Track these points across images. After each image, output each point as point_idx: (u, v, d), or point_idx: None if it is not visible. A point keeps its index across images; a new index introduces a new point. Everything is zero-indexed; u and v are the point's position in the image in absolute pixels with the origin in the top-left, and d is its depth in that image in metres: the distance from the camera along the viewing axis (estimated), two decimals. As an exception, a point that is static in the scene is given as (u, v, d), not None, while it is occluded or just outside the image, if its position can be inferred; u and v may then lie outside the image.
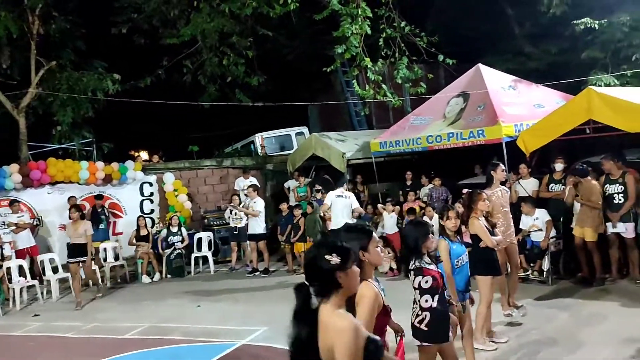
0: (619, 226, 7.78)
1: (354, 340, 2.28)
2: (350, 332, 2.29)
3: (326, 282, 2.46)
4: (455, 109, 10.65)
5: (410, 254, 4.17)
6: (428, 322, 4.07)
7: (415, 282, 4.11)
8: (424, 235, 4.17)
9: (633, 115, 7.54)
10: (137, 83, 14.59)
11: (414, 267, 4.14)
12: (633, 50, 11.03)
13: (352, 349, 2.26)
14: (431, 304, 4.07)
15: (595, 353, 5.46)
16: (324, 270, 2.46)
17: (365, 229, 3.28)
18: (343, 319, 2.35)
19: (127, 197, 13.28)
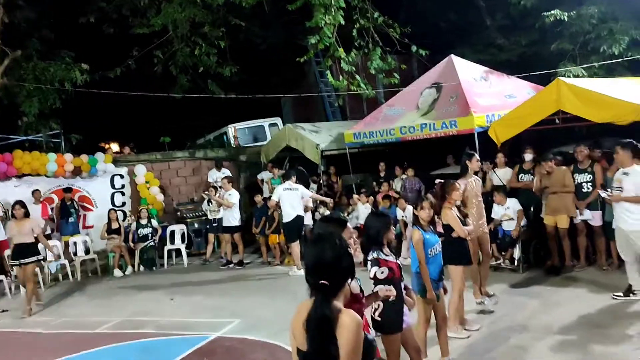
0: (586, 214, 7.96)
1: (358, 337, 2.23)
2: (355, 329, 2.23)
3: (342, 278, 2.38)
4: (428, 100, 10.72)
5: (371, 245, 4.19)
6: (381, 312, 4.10)
7: (371, 272, 4.12)
8: (386, 227, 4.20)
9: (601, 106, 7.69)
10: (106, 73, 14.27)
11: (372, 258, 4.16)
12: (601, 42, 11.23)
13: (355, 347, 2.21)
14: None
15: (563, 338, 5.58)
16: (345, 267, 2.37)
17: (340, 219, 3.28)
18: (347, 315, 2.27)
19: (97, 190, 13.04)
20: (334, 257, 2.33)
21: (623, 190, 6.43)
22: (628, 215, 6.42)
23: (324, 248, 2.35)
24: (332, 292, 2.30)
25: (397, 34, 11.72)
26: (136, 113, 18.84)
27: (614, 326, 5.75)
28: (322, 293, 2.28)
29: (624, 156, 6.49)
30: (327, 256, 2.33)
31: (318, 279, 2.29)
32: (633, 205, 6.36)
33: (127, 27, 14.32)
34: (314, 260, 2.36)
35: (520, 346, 5.50)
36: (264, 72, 18.08)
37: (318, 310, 2.25)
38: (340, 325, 2.22)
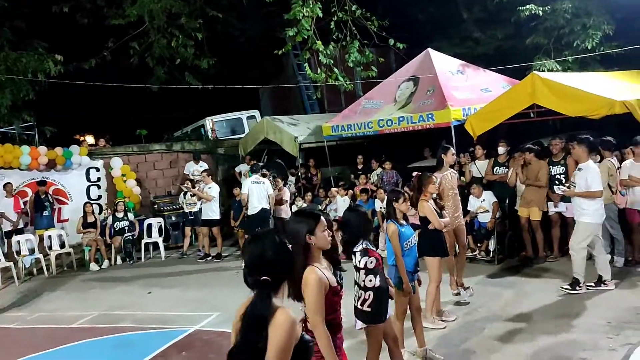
0: (560, 206, 8.13)
1: (288, 337, 2.23)
2: (286, 328, 2.23)
3: (286, 275, 2.41)
4: (405, 93, 10.79)
5: (357, 237, 4.25)
6: (371, 302, 4.15)
7: (362, 262, 4.18)
8: (365, 220, 4.33)
9: (574, 100, 7.84)
10: (81, 64, 14.03)
11: (361, 249, 4.21)
12: (574, 37, 11.41)
13: (284, 346, 2.22)
14: (374, 284, 4.17)
15: (536, 327, 5.71)
16: (283, 262, 2.39)
17: (314, 212, 3.28)
18: (281, 313, 2.27)
19: (72, 183, 12.87)
20: (274, 254, 2.35)
21: (576, 186, 6.61)
22: (579, 210, 6.64)
23: (263, 245, 2.36)
24: (272, 288, 2.32)
25: (375, 27, 11.73)
26: (112, 105, 18.57)
27: (585, 315, 5.91)
28: (262, 289, 2.29)
29: (580, 151, 6.63)
30: (267, 253, 2.34)
31: (259, 276, 2.30)
32: (585, 200, 6.56)
33: (102, 17, 14.08)
34: (254, 257, 2.36)
35: (495, 336, 5.61)
36: (242, 65, 17.96)
37: (257, 306, 2.26)
38: (274, 322, 2.23)
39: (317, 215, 3.22)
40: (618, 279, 7.04)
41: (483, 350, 5.29)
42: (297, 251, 2.94)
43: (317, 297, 2.95)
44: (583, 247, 6.66)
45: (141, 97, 16.06)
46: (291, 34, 10.95)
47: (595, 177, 6.51)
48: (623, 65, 11.00)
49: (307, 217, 3.20)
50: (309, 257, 3.09)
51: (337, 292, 3.14)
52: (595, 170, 6.60)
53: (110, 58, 14.25)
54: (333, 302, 3.11)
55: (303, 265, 3.03)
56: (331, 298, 3.08)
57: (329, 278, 3.10)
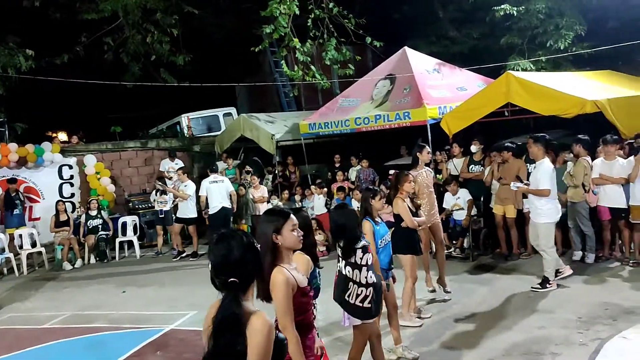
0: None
1: (267, 341, 2.21)
2: (264, 332, 2.21)
3: (254, 276, 2.38)
4: (382, 91, 10.84)
5: (358, 235, 4.28)
6: (371, 298, 4.20)
7: (364, 259, 4.21)
8: (357, 216, 4.40)
9: (547, 99, 7.99)
10: (53, 60, 13.77)
11: (362, 245, 4.23)
12: (547, 37, 11.61)
13: (265, 351, 2.20)
14: (374, 280, 4.24)
15: (510, 323, 5.80)
16: (251, 262, 2.35)
17: (283, 211, 3.20)
18: (258, 317, 2.24)
19: (44, 181, 12.61)
20: (241, 254, 2.30)
21: (530, 184, 6.75)
22: (533, 209, 6.82)
23: (230, 246, 2.31)
24: (241, 289, 2.28)
25: (352, 25, 11.78)
26: (85, 101, 18.21)
27: (557, 311, 6.01)
28: (231, 291, 2.25)
29: (536, 149, 6.74)
30: (234, 254, 2.29)
31: (226, 278, 2.26)
32: (537, 198, 6.71)
33: (74, 12, 13.82)
34: (220, 258, 2.31)
35: (470, 332, 5.68)
36: (218, 62, 17.81)
37: (227, 308, 2.22)
38: (252, 328, 2.20)
39: (286, 214, 3.14)
40: (589, 274, 7.20)
41: (458, 347, 5.35)
42: (264, 251, 2.85)
43: (284, 298, 2.88)
44: (551, 245, 6.81)
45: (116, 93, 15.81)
46: (268, 31, 10.92)
47: (545, 176, 6.61)
48: (594, 65, 11.24)
49: (276, 216, 3.13)
50: (277, 257, 3.01)
51: (306, 293, 3.08)
52: (547, 169, 6.67)
53: (84, 53, 14.04)
54: (302, 303, 3.04)
55: (271, 265, 2.97)
56: (299, 299, 3.01)
57: (298, 279, 3.04)
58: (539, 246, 6.84)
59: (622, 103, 8.09)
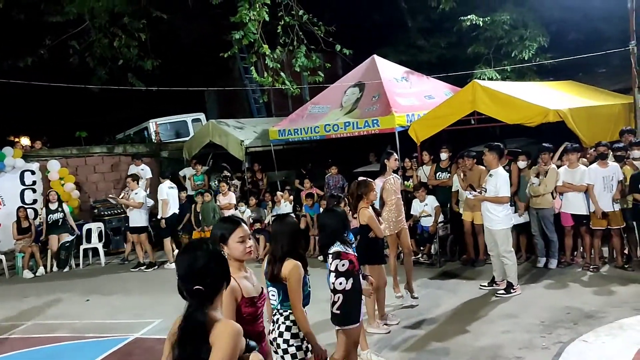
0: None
1: (232, 347, 2.19)
2: (231, 338, 2.20)
3: (221, 284, 2.36)
4: (351, 99, 10.92)
5: (333, 240, 4.25)
6: (340, 304, 4.18)
7: (332, 265, 4.20)
8: (345, 221, 4.32)
9: (511, 108, 8.18)
10: (16, 62, 13.43)
11: (334, 251, 4.22)
12: (512, 47, 11.91)
13: (229, 354, 2.18)
14: (344, 287, 4.18)
15: (476, 328, 5.89)
16: (217, 271, 2.34)
17: (233, 219, 3.17)
18: (226, 323, 2.25)
19: (5, 187, 12.23)
20: (206, 262, 2.30)
21: (486, 191, 6.90)
22: (489, 216, 6.94)
23: (195, 255, 2.31)
24: (207, 297, 2.27)
25: (322, 33, 11.84)
26: (49, 105, 17.85)
27: (521, 315, 6.13)
28: (196, 299, 2.24)
29: (490, 158, 6.91)
30: (199, 262, 2.29)
31: (192, 286, 2.25)
32: (493, 205, 6.86)
33: (39, 13, 13.52)
34: (186, 267, 2.31)
35: (437, 338, 5.74)
36: (187, 67, 17.67)
37: (192, 316, 2.21)
38: (216, 333, 2.19)
39: (235, 223, 3.09)
40: (551, 280, 7.37)
41: (425, 352, 5.40)
42: None
43: (225, 306, 2.77)
44: (510, 250, 6.95)
45: (81, 97, 15.55)
46: (237, 37, 10.89)
47: (503, 184, 6.79)
48: (557, 75, 11.58)
49: (226, 224, 3.10)
50: None
51: (254, 302, 3.03)
52: (504, 177, 6.87)
53: (48, 56, 13.71)
54: (248, 313, 2.99)
55: None
56: (245, 309, 2.97)
57: (244, 288, 2.99)
58: (499, 253, 6.96)
59: (583, 112, 8.35)
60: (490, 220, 6.94)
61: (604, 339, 5.26)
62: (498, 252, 6.98)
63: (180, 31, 16.79)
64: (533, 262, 8.20)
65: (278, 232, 3.68)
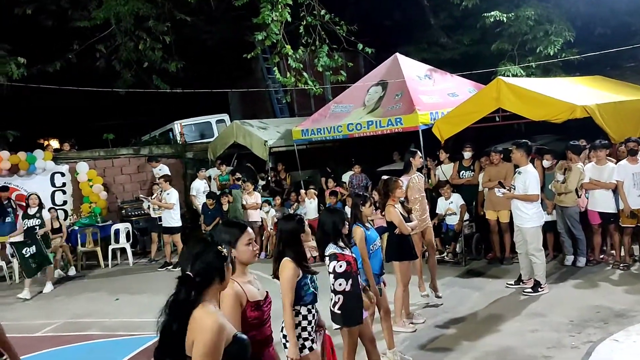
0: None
1: (213, 340, 2.27)
2: (211, 332, 2.27)
3: (210, 276, 2.45)
4: (374, 98, 10.89)
5: (327, 240, 4.26)
6: (341, 305, 4.19)
7: (330, 266, 4.21)
8: (342, 221, 4.30)
9: (537, 105, 8.07)
10: (45, 67, 13.74)
11: (330, 253, 4.23)
12: (537, 43, 11.72)
13: (210, 349, 2.26)
14: (344, 288, 4.19)
15: (503, 327, 5.84)
16: (214, 264, 2.46)
17: (240, 224, 3.20)
18: (208, 316, 2.32)
19: (36, 189, 12.49)
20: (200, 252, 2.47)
21: (515, 189, 6.82)
22: (519, 214, 6.86)
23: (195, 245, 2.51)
24: (196, 286, 2.40)
25: (344, 32, 11.83)
26: (77, 109, 18.20)
27: (549, 314, 6.07)
28: (185, 285, 2.39)
29: (518, 155, 6.84)
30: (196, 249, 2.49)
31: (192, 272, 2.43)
32: (523, 203, 6.78)
33: (66, 19, 13.81)
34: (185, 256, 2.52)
35: (463, 336, 5.72)
36: (211, 68, 17.85)
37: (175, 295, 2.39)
38: (198, 324, 2.30)
39: (242, 227, 3.13)
40: (580, 278, 7.27)
41: (451, 351, 5.39)
42: None
43: (229, 312, 2.85)
44: (540, 249, 6.87)
45: (108, 100, 15.81)
46: (260, 38, 10.95)
47: (533, 181, 6.72)
48: (583, 70, 11.37)
49: (232, 228, 3.14)
50: None
51: (259, 306, 3.04)
52: (534, 174, 6.80)
53: (76, 61, 14.00)
54: (254, 317, 3.00)
55: None
56: (251, 313, 2.98)
57: (249, 292, 3.02)
58: (528, 251, 6.88)
59: (611, 108, 8.19)
60: (520, 218, 6.87)
61: (635, 338, 5.18)
62: (526, 250, 6.91)
63: (204, 33, 16.95)
64: (560, 260, 8.10)
65: (278, 231, 3.81)
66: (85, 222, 11.90)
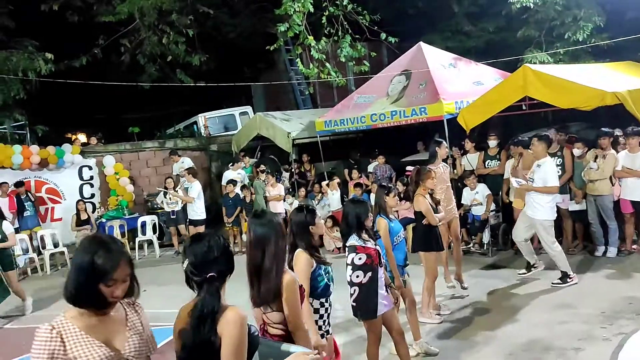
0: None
1: (242, 333, 2.30)
2: (239, 326, 2.30)
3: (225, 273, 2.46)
4: (398, 87, 10.78)
5: (351, 231, 4.23)
6: (356, 297, 4.17)
7: (349, 258, 4.19)
8: (365, 213, 4.24)
9: (565, 92, 7.86)
10: (72, 62, 13.96)
11: (349, 245, 4.20)
12: (565, 29, 11.44)
13: (240, 342, 2.28)
14: (361, 280, 4.15)
15: (530, 318, 5.75)
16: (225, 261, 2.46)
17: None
18: (232, 310, 2.34)
19: (65, 182, 12.81)
20: (220, 252, 2.44)
21: (534, 181, 6.73)
22: (534, 204, 6.77)
23: (209, 245, 2.45)
24: (219, 284, 2.40)
25: (367, 22, 11.74)
26: (103, 103, 18.48)
27: (579, 305, 5.94)
28: (211, 285, 2.37)
29: (540, 148, 6.77)
30: (214, 252, 2.43)
31: (205, 274, 2.38)
32: (540, 195, 6.69)
33: (92, 15, 13.99)
34: (201, 256, 2.44)
35: (490, 327, 5.64)
36: (234, 61, 17.90)
37: (207, 301, 2.33)
38: (226, 320, 2.30)
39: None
40: (611, 269, 7.11)
41: (478, 343, 5.32)
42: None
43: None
44: (553, 240, 6.82)
45: (133, 94, 16.00)
46: (282, 29, 10.93)
47: (552, 173, 6.68)
48: (614, 56, 11.05)
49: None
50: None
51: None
52: (553, 167, 6.78)
53: (101, 56, 14.19)
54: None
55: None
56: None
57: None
58: (544, 244, 6.84)
59: (643, 94, 7.94)
60: (533, 209, 6.79)
61: (669, 330, 5.05)
62: (525, 237, 6.99)
63: (226, 26, 17.00)
64: (590, 250, 7.93)
65: (290, 223, 3.81)
66: (113, 215, 12.10)
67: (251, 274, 3.01)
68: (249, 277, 3.02)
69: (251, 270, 3.01)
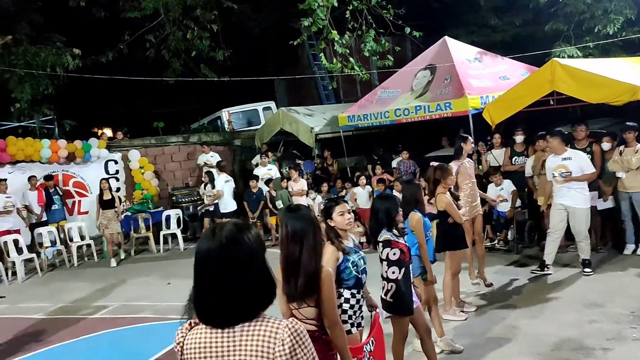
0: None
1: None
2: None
3: None
4: (422, 82, 10.68)
5: (381, 227, 4.19)
6: (393, 293, 4.13)
7: (384, 253, 4.15)
8: (396, 209, 4.21)
9: (595, 87, 7.69)
10: (98, 58, 14.14)
11: (383, 239, 4.16)
12: (595, 22, 11.19)
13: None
14: (397, 276, 4.12)
15: (558, 317, 5.65)
16: None
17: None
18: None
19: (91, 176, 13.00)
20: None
21: (572, 173, 6.79)
22: (577, 194, 6.84)
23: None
24: None
25: (391, 16, 11.63)
26: (129, 98, 18.71)
27: (608, 305, 5.82)
28: None
29: (556, 144, 6.92)
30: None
31: None
32: (580, 184, 6.82)
33: (118, 10, 14.14)
34: None
35: (516, 325, 5.56)
36: (258, 56, 17.95)
37: None
38: None
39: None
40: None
41: (504, 340, 5.25)
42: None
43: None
44: (587, 231, 6.99)
45: (158, 89, 16.14)
46: (306, 24, 10.89)
47: (587, 161, 6.93)
48: (646, 50, 10.78)
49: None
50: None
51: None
52: (584, 155, 7.02)
53: (127, 51, 14.33)
54: None
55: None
56: None
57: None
58: (580, 234, 6.90)
59: (676, 89, 7.73)
60: (576, 198, 6.86)
61: (702, 331, 4.92)
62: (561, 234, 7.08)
63: (250, 21, 17.04)
64: (620, 249, 7.77)
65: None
66: (138, 208, 12.25)
67: (288, 268, 2.94)
68: (284, 272, 2.95)
69: (288, 265, 2.94)
